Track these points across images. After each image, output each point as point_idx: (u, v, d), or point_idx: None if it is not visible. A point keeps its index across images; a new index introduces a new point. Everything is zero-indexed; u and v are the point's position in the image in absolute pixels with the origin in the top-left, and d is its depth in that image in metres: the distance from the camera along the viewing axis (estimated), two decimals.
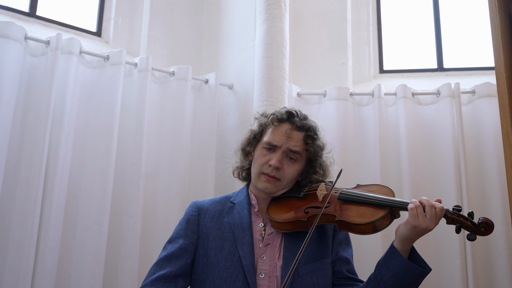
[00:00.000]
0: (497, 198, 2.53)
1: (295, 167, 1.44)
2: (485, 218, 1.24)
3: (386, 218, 1.29)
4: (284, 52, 2.70)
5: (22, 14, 2.75)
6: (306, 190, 1.46)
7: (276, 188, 1.44)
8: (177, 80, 2.68)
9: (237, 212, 1.46)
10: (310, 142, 1.44)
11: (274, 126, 1.47)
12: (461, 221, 1.25)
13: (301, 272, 1.34)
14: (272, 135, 1.45)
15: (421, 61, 3.35)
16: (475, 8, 3.37)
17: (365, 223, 1.27)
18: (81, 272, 2.21)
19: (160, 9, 3.05)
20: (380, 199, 1.32)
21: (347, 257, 1.44)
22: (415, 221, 1.23)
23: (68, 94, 2.31)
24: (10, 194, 2.14)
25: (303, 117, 1.49)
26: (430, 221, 1.23)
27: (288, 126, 1.45)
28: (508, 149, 1.45)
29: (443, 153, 2.65)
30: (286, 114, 1.48)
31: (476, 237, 1.23)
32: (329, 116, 2.75)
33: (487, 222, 1.23)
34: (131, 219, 2.34)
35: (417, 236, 1.26)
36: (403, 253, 1.26)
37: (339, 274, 1.40)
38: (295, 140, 1.43)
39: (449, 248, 2.51)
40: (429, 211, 1.23)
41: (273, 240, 1.40)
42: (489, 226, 1.23)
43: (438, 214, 1.24)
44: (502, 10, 1.54)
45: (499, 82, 1.50)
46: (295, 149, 1.42)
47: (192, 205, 1.53)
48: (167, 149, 2.58)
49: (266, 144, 1.45)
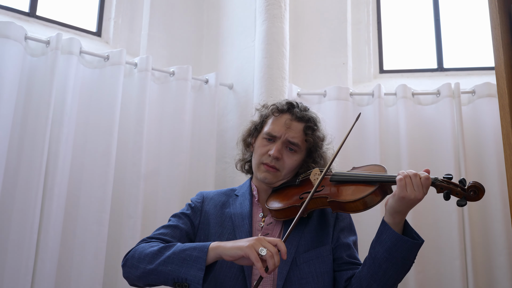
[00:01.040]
0: (497, 198, 2.53)
1: (294, 158, 1.45)
2: (475, 181, 1.21)
3: (377, 194, 1.28)
4: (284, 52, 2.70)
5: (22, 14, 2.75)
6: (301, 177, 1.47)
7: (276, 178, 1.45)
8: (177, 80, 2.68)
9: (239, 202, 1.48)
10: (309, 133, 1.45)
11: (274, 116, 1.48)
12: (450, 188, 1.23)
13: (298, 261, 1.34)
14: (272, 125, 1.46)
15: (421, 61, 3.35)
16: (475, 8, 3.37)
17: (355, 200, 1.26)
18: (81, 272, 2.21)
19: (160, 9, 3.05)
20: (369, 176, 1.32)
21: (347, 243, 1.43)
22: (403, 192, 1.21)
23: (68, 94, 2.31)
24: (10, 194, 2.14)
25: (303, 108, 1.50)
26: (418, 191, 1.21)
27: (288, 116, 1.46)
28: (508, 149, 1.45)
29: (443, 153, 2.65)
30: (286, 105, 1.48)
31: (467, 202, 1.20)
32: (329, 116, 2.75)
33: (476, 186, 1.20)
34: (131, 219, 2.34)
35: (407, 208, 1.24)
36: (395, 227, 1.25)
37: (340, 259, 1.39)
38: (294, 131, 1.44)
39: (449, 248, 2.51)
40: (415, 180, 1.22)
41: (272, 230, 1.41)
42: (479, 190, 1.20)
43: (424, 183, 1.22)
44: (502, 10, 1.54)
45: (499, 82, 1.50)
46: (294, 140, 1.43)
47: (198, 194, 1.57)
48: (167, 149, 2.58)
49: (266, 135, 1.46)
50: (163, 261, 1.24)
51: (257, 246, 1.16)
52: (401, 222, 1.26)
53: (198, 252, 1.22)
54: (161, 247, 1.29)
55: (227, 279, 1.33)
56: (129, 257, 1.33)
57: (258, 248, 1.16)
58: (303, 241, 1.38)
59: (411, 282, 2.46)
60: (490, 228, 2.56)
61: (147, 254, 1.28)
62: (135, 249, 1.34)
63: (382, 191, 1.30)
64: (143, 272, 1.27)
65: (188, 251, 1.24)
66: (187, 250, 1.24)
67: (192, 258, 1.21)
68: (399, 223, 1.26)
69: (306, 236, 1.39)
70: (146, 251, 1.30)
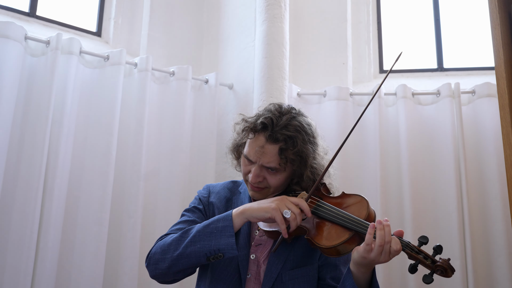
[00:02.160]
0: (497, 198, 2.53)
1: (278, 177, 1.36)
2: (443, 260, 1.14)
3: (350, 242, 1.21)
4: (284, 52, 2.70)
5: (22, 14, 2.75)
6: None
7: (265, 195, 1.39)
8: (177, 80, 2.68)
9: (241, 202, 1.46)
10: (283, 157, 1.30)
11: (249, 139, 1.36)
12: (419, 259, 1.15)
13: (284, 278, 1.32)
14: (248, 148, 1.36)
15: (421, 61, 3.35)
16: (475, 8, 3.37)
17: (329, 247, 1.21)
18: (81, 272, 2.21)
19: (160, 9, 3.05)
20: (347, 220, 1.24)
21: (334, 263, 1.37)
22: (367, 254, 1.16)
23: (68, 94, 2.31)
24: (10, 194, 2.15)
25: (283, 124, 1.32)
26: (383, 257, 1.16)
27: (262, 139, 1.32)
28: (508, 149, 1.45)
29: (443, 153, 2.65)
30: (260, 124, 1.33)
31: (433, 279, 1.12)
32: (329, 116, 2.76)
33: (443, 266, 1.12)
34: (131, 219, 2.34)
35: (371, 265, 1.20)
36: (361, 276, 1.21)
37: (323, 280, 1.35)
38: (268, 156, 1.31)
39: (449, 248, 2.50)
40: (385, 248, 1.15)
41: (266, 242, 1.38)
42: (446, 271, 1.12)
43: (393, 252, 1.16)
44: (502, 10, 1.54)
45: (499, 82, 1.50)
46: (269, 165, 1.32)
47: (205, 187, 1.55)
48: (167, 149, 2.58)
49: (244, 156, 1.39)
50: (190, 242, 1.25)
51: (282, 207, 1.21)
52: (368, 272, 1.22)
53: (222, 222, 1.25)
54: (182, 232, 1.29)
55: (222, 275, 1.33)
56: (151, 255, 1.32)
57: (283, 209, 1.21)
58: (292, 257, 1.34)
59: (411, 282, 2.46)
60: (490, 228, 2.56)
61: (171, 243, 1.28)
62: (156, 246, 1.33)
63: (359, 238, 1.23)
64: (172, 260, 1.26)
65: (212, 224, 1.25)
66: (211, 223, 1.26)
67: (218, 229, 1.23)
68: (364, 272, 1.21)
69: (296, 251, 1.35)
70: (168, 241, 1.29)
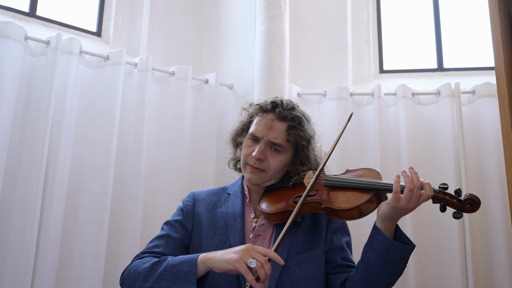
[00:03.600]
0: (497, 198, 2.53)
1: (279, 158, 1.42)
2: (471, 194, 1.21)
3: (372, 202, 1.27)
4: (284, 52, 2.70)
5: (22, 14, 2.75)
6: (294, 180, 1.45)
7: (262, 179, 1.43)
8: (177, 80, 2.68)
9: (231, 202, 1.47)
10: (292, 133, 1.40)
11: (258, 117, 1.46)
12: (446, 199, 1.23)
13: (290, 263, 1.33)
14: (255, 126, 1.44)
15: (421, 61, 3.35)
16: (475, 8, 3.38)
17: (350, 208, 1.25)
18: (81, 272, 2.21)
19: (160, 9, 3.05)
20: (365, 183, 1.30)
21: (341, 245, 1.41)
22: (397, 202, 1.20)
23: (68, 94, 2.31)
24: (10, 194, 2.15)
25: (290, 107, 1.45)
26: (413, 203, 1.21)
27: (271, 116, 1.43)
28: (508, 149, 1.45)
29: (443, 153, 2.65)
30: (270, 104, 1.45)
31: (462, 214, 1.21)
32: (329, 116, 2.76)
33: (472, 199, 1.20)
34: (131, 219, 2.34)
35: (399, 216, 1.24)
36: (386, 232, 1.25)
37: (334, 262, 1.38)
38: (276, 131, 1.40)
39: (449, 248, 2.51)
40: (415, 193, 1.21)
41: (264, 231, 1.40)
42: (475, 203, 1.20)
43: (424, 197, 1.21)
44: (502, 10, 1.54)
45: (499, 82, 1.50)
46: (276, 141, 1.40)
47: (189, 195, 1.55)
48: (167, 149, 2.58)
49: (250, 135, 1.44)
50: (157, 279, 1.25)
51: (245, 258, 1.15)
52: (393, 227, 1.26)
53: (187, 266, 1.23)
54: (152, 264, 1.29)
55: (221, 280, 1.33)
56: (125, 277, 1.34)
57: (247, 260, 1.14)
58: (295, 243, 1.36)
59: (411, 282, 2.46)
60: (490, 228, 2.56)
61: (141, 272, 1.29)
62: (130, 267, 1.35)
63: (377, 199, 1.29)
64: None
65: (178, 266, 1.24)
66: (177, 265, 1.25)
67: (183, 273, 1.22)
68: (390, 228, 1.26)
69: (298, 238, 1.38)
70: (139, 269, 1.30)
